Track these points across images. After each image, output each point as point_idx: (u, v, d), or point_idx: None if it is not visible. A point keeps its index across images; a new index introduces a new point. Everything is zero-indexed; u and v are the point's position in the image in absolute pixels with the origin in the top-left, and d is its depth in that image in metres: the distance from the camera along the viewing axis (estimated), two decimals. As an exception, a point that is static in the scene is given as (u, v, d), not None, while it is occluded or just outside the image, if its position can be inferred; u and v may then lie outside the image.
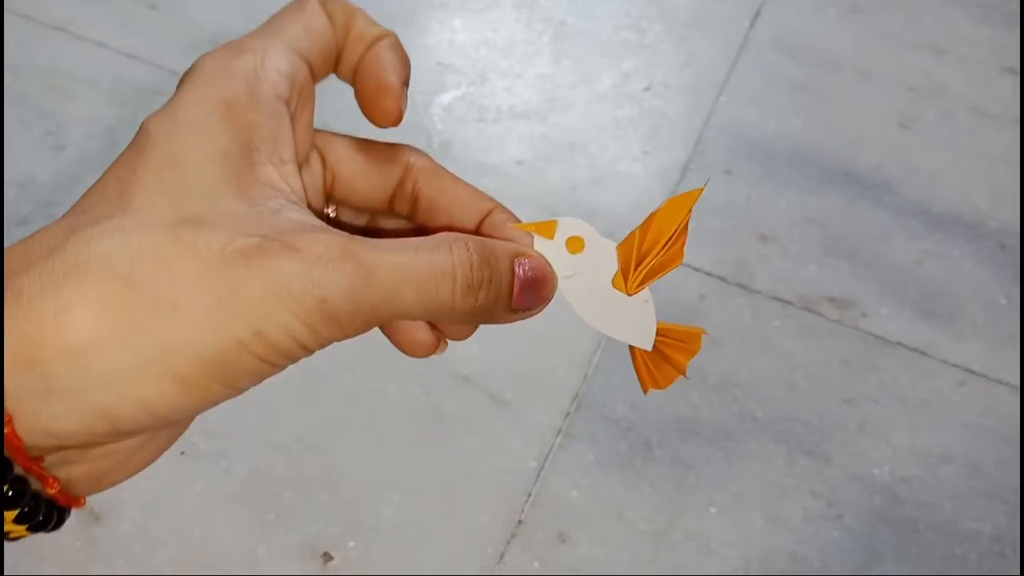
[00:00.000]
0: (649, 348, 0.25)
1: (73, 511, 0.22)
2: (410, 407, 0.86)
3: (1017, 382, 0.92)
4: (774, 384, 0.90)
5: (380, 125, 0.24)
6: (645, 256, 0.24)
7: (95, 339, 0.18)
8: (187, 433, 0.24)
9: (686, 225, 0.24)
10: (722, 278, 0.97)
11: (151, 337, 0.19)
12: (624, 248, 0.25)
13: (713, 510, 0.82)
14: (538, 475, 0.82)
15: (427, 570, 0.77)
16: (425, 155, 0.25)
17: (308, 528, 0.78)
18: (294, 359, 0.20)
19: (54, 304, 0.18)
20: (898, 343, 0.94)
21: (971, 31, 1.26)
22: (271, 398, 0.85)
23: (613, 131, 1.12)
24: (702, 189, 0.24)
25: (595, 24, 1.24)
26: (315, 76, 0.24)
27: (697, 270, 0.97)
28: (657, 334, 0.25)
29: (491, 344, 0.90)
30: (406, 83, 0.24)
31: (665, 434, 0.86)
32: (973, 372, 0.93)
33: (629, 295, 0.25)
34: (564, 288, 0.24)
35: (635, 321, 0.25)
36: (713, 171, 1.08)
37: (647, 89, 1.17)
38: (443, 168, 0.25)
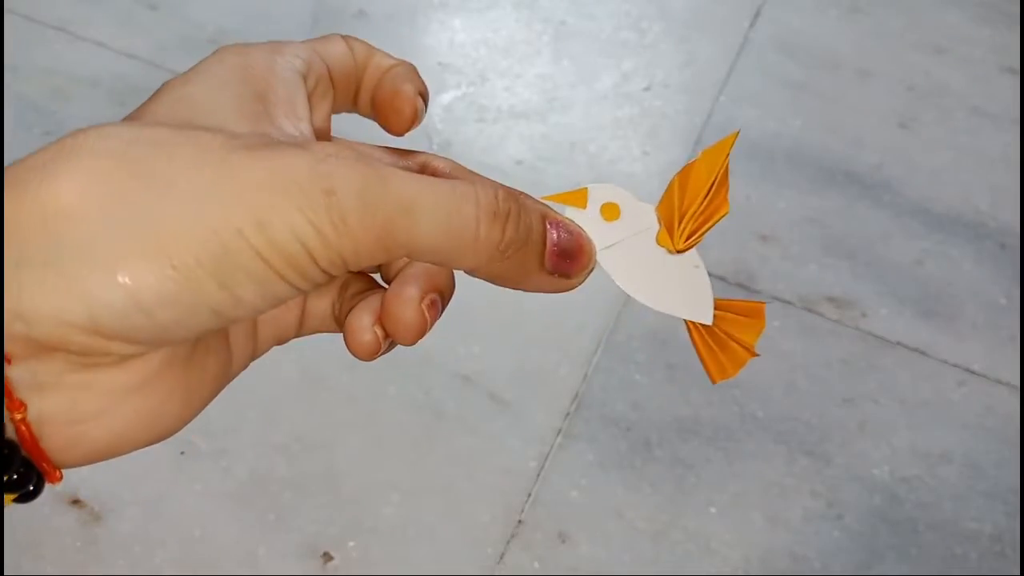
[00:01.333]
0: (708, 321, 0.23)
1: (74, 512, 0.20)
2: (410, 407, 0.86)
3: (1017, 382, 0.92)
4: (774, 384, 0.90)
5: (395, 130, 0.24)
6: (688, 208, 0.22)
7: (78, 207, 0.17)
8: (187, 433, 0.22)
9: (726, 172, 0.22)
10: (722, 278, 0.97)
11: (142, 210, 0.17)
12: (664, 205, 0.23)
13: (713, 510, 0.82)
14: (538, 475, 0.83)
15: (427, 570, 0.77)
16: (443, 157, 0.24)
17: (308, 528, 0.78)
18: (300, 272, 0.18)
19: (39, 175, 0.17)
20: (898, 343, 0.94)
21: (971, 31, 1.27)
22: (271, 398, 0.85)
23: (613, 131, 1.12)
24: (736, 134, 0.23)
25: (595, 24, 1.25)
26: (335, 86, 0.24)
27: None
28: (715, 308, 0.23)
29: (491, 344, 0.90)
30: (422, 95, 0.24)
31: (665, 434, 0.86)
32: (973, 372, 0.93)
33: (678, 251, 0.23)
34: (603, 261, 0.23)
35: (688, 291, 0.23)
36: None
37: (647, 89, 1.17)
38: (460, 165, 0.24)
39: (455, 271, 0.22)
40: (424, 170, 0.24)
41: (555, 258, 0.21)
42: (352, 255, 0.19)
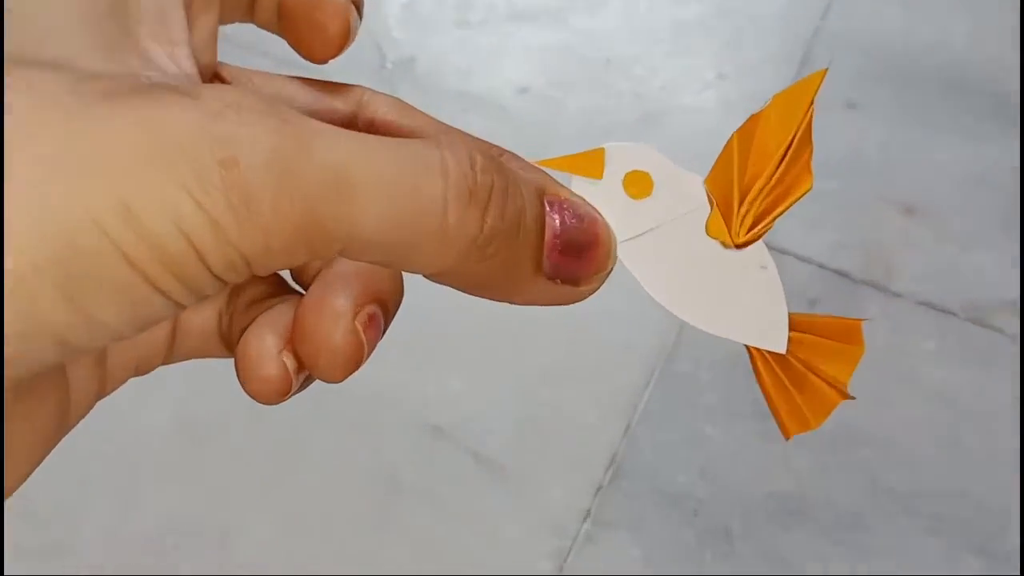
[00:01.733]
0: (780, 348, 0.24)
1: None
2: (349, 475, 0.85)
3: None
4: (923, 440, 0.90)
5: (315, 55, 0.26)
6: (754, 182, 0.24)
7: None
8: (8, 520, 0.23)
9: (809, 127, 0.24)
10: (843, 273, 0.97)
11: None
12: (719, 177, 0.24)
13: (830, 638, 0.80)
14: (554, 584, 0.80)
15: None
16: (387, 95, 0.26)
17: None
18: (184, 279, 0.20)
19: None
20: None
21: None
22: (131, 462, 0.85)
23: (672, 42, 1.11)
24: (824, 72, 0.24)
25: None
26: None
27: (805, 261, 0.97)
28: (791, 328, 0.25)
29: (478, 377, 0.90)
30: (356, 3, 0.26)
31: (753, 518, 0.86)
32: None
33: (737, 245, 0.24)
34: (627, 257, 0.24)
35: (751, 303, 0.24)
36: (829, 104, 1.04)
37: (725, -23, 1.15)
38: (415, 109, 0.26)
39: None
40: (360, 118, 0.25)
41: (557, 256, 0.23)
42: (260, 254, 0.20)
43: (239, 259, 0.20)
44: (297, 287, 0.26)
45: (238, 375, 0.24)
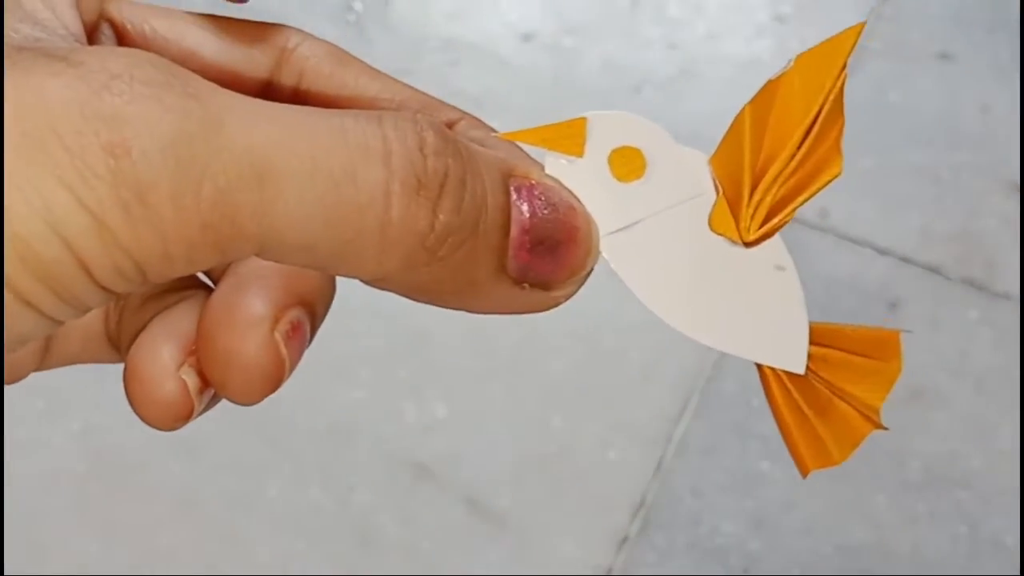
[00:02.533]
0: (798, 368, 0.25)
1: None
2: (311, 525, 0.85)
3: None
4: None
5: None
6: (769, 165, 0.25)
7: None
8: None
9: (840, 96, 0.24)
10: (933, 268, 0.97)
11: None
12: (726, 157, 0.25)
13: None
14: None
15: None
16: (319, 41, 0.27)
17: None
18: (62, 292, 0.19)
19: None
20: None
21: None
22: (35, 515, 0.85)
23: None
24: (861, 27, 0.25)
25: None
26: None
27: (885, 253, 0.96)
28: (812, 342, 0.25)
29: (469, 401, 0.90)
30: None
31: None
32: None
33: (747, 243, 0.25)
34: (612, 253, 0.25)
35: (761, 314, 0.25)
36: (918, 56, 1.05)
37: None
38: (350, 57, 0.27)
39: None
40: (285, 74, 0.27)
41: (525, 255, 0.23)
42: (157, 260, 0.20)
43: (131, 267, 0.20)
44: (205, 279, 0.26)
45: (127, 394, 0.24)
